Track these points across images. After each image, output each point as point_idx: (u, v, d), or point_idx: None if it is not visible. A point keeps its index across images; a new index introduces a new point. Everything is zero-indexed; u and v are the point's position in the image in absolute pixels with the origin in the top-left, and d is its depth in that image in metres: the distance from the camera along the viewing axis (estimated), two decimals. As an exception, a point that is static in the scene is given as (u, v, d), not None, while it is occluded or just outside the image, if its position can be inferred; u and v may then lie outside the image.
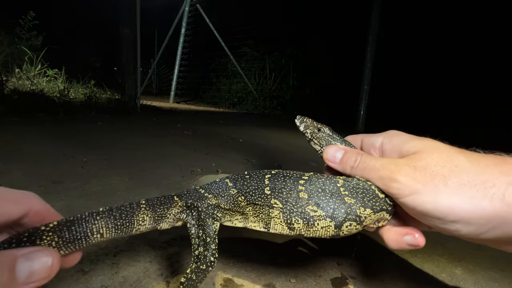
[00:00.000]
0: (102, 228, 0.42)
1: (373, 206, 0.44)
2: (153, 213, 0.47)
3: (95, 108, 3.26)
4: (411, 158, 0.40)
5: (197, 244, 0.47)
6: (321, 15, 6.43)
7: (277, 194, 0.47)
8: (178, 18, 6.49)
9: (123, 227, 0.44)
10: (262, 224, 0.50)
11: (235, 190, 0.49)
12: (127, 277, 0.62)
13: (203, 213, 0.48)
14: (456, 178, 0.36)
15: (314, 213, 0.45)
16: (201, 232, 0.47)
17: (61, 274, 0.61)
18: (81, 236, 0.40)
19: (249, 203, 0.49)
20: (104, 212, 0.43)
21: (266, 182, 0.48)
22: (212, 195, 0.50)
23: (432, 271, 0.76)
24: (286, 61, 6.65)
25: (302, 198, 0.46)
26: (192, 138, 2.33)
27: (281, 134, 3.18)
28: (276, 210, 0.47)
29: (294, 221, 0.46)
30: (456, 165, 0.37)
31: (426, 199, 0.36)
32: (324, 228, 0.45)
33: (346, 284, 0.67)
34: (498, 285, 0.73)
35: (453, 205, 0.35)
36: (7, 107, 2.52)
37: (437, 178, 0.36)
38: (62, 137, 1.85)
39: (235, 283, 0.64)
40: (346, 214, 0.44)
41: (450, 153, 0.39)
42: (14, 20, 4.88)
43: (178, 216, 0.50)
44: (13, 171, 1.14)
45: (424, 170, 0.38)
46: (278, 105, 6.49)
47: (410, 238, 0.43)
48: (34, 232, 0.37)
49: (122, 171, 1.29)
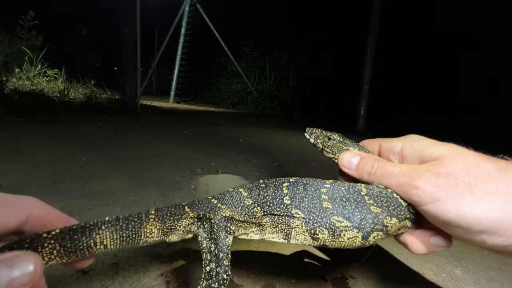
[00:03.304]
0: (106, 239, 0.40)
1: (398, 215, 0.42)
2: (162, 225, 0.44)
3: (95, 108, 3.26)
4: (433, 164, 0.38)
5: (209, 259, 0.44)
6: (321, 15, 6.43)
7: (298, 203, 0.45)
8: (178, 18, 6.49)
9: (129, 239, 0.42)
10: (281, 235, 0.47)
11: (250, 201, 0.46)
12: (127, 277, 0.62)
13: (216, 226, 0.45)
14: (483, 185, 0.33)
15: (340, 224, 0.43)
16: (213, 246, 0.44)
17: (61, 274, 0.61)
18: (83, 246, 0.39)
19: (266, 214, 0.46)
20: (109, 222, 0.41)
21: (285, 191, 0.46)
22: (226, 206, 0.47)
23: (432, 271, 0.76)
24: (286, 61, 6.64)
25: (326, 208, 0.44)
26: (192, 138, 2.33)
27: (281, 134, 3.18)
28: (298, 220, 0.44)
29: (319, 232, 0.44)
30: (483, 172, 0.34)
31: (449, 207, 0.34)
32: (350, 239, 0.43)
33: (346, 284, 0.67)
34: (498, 285, 0.73)
35: (479, 214, 0.32)
36: (7, 107, 2.52)
37: (462, 186, 0.34)
38: (62, 137, 1.85)
39: (235, 283, 0.64)
40: (374, 225, 0.42)
41: (475, 159, 0.36)
42: (14, 20, 4.88)
43: (188, 228, 0.47)
44: (13, 171, 1.14)
45: (447, 176, 0.36)
46: (278, 105, 6.49)
47: (438, 239, 0.41)
48: (36, 239, 0.36)
49: (122, 171, 1.29)
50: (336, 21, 6.01)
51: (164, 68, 8.80)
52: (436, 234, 0.41)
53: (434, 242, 0.41)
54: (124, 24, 3.39)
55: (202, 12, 6.55)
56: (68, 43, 6.85)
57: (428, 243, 0.41)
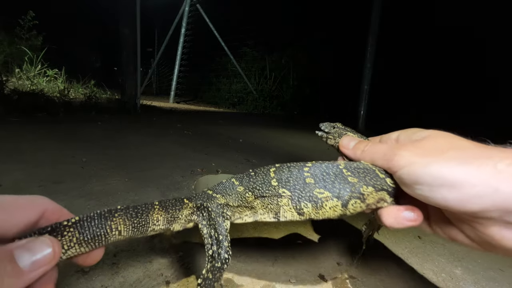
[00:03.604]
0: (120, 225, 0.43)
1: (375, 185, 0.46)
2: (166, 214, 0.48)
3: (95, 108, 3.26)
4: (416, 141, 0.43)
5: (210, 243, 0.48)
6: (321, 15, 6.43)
7: (284, 183, 0.49)
8: (178, 18, 6.49)
9: (140, 225, 0.46)
10: (271, 214, 0.51)
11: (242, 188, 0.51)
12: (127, 277, 0.62)
13: (213, 213, 0.50)
14: (454, 152, 0.37)
15: (322, 195, 0.47)
16: (212, 231, 0.49)
17: (61, 274, 0.61)
18: (101, 233, 0.41)
19: (257, 197, 0.50)
20: (121, 210, 0.44)
21: (272, 175, 0.50)
22: (220, 195, 0.52)
23: (432, 271, 0.76)
24: (286, 61, 6.64)
25: (309, 184, 0.48)
26: (192, 138, 2.33)
27: (281, 134, 3.18)
28: (285, 199, 0.49)
29: (303, 206, 0.48)
30: (458, 146, 0.38)
31: (419, 167, 0.38)
32: (332, 208, 0.47)
33: (346, 284, 0.67)
34: (498, 285, 0.73)
35: (443, 171, 0.36)
36: (7, 107, 2.52)
37: (435, 152, 0.38)
38: (62, 137, 1.85)
39: (235, 283, 0.64)
40: (351, 193, 0.46)
41: (455, 138, 0.40)
42: (14, 20, 4.88)
43: (189, 217, 0.51)
44: (13, 171, 1.14)
45: (425, 147, 0.40)
46: (278, 105, 6.49)
47: (409, 213, 0.44)
48: (56, 228, 0.38)
49: (122, 171, 1.29)
50: (336, 21, 6.01)
51: (164, 68, 8.81)
52: (407, 209, 0.44)
53: (404, 215, 0.44)
54: (124, 24, 3.39)
55: (202, 12, 6.55)
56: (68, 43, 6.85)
57: (399, 216, 0.44)
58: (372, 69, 4.40)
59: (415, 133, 0.46)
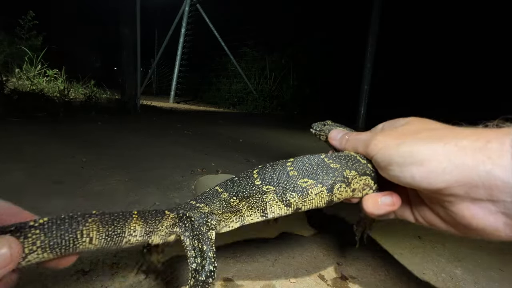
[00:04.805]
0: (92, 232, 0.40)
1: (357, 169, 0.47)
2: (145, 224, 0.45)
3: (95, 108, 3.26)
4: (395, 127, 0.45)
5: (194, 256, 0.45)
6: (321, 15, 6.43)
7: (268, 181, 0.49)
8: (178, 18, 6.49)
9: (114, 234, 0.42)
10: (258, 213, 0.50)
11: (226, 194, 0.50)
12: (127, 277, 0.62)
13: (196, 222, 0.47)
14: (426, 133, 0.38)
15: (306, 184, 0.48)
16: (196, 242, 0.46)
17: (61, 274, 0.61)
18: (69, 238, 0.38)
19: (241, 200, 0.50)
20: (96, 215, 0.41)
21: (255, 176, 0.50)
22: (204, 204, 0.50)
23: (432, 271, 0.76)
24: (286, 61, 6.64)
25: (292, 176, 0.48)
26: (192, 138, 2.33)
27: (281, 134, 3.18)
28: (270, 194, 0.48)
29: (289, 197, 0.48)
30: (430, 128, 0.40)
31: (391, 149, 0.40)
32: (317, 194, 0.47)
33: (346, 284, 0.67)
34: (498, 285, 0.73)
35: (412, 149, 0.37)
36: (7, 107, 2.52)
37: (409, 134, 0.40)
38: (62, 137, 1.85)
39: (235, 283, 0.64)
40: (335, 177, 0.47)
41: (430, 122, 0.42)
42: (14, 20, 4.88)
43: (170, 229, 0.48)
44: (13, 171, 1.14)
45: (400, 131, 0.42)
46: (278, 105, 6.48)
47: (387, 198, 0.45)
48: (20, 228, 0.35)
49: (122, 171, 1.29)
50: (336, 21, 6.00)
51: (164, 68, 8.80)
52: (385, 195, 0.46)
53: (382, 200, 0.45)
54: (124, 24, 3.39)
55: (202, 12, 6.55)
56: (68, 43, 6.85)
57: (378, 202, 0.46)
58: (372, 69, 4.40)
59: (397, 121, 0.48)
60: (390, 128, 0.47)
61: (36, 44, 5.02)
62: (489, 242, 0.95)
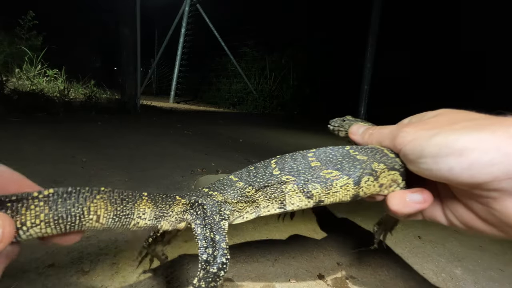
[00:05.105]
0: (100, 209, 0.37)
1: (386, 162, 0.43)
2: (155, 207, 0.43)
3: (95, 108, 3.26)
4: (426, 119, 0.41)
5: (205, 246, 0.42)
6: (321, 15, 6.43)
7: (288, 170, 0.46)
8: (178, 18, 6.49)
9: (122, 214, 0.39)
10: (276, 204, 0.47)
11: (241, 183, 0.48)
12: (127, 277, 0.62)
13: (209, 210, 0.44)
14: (465, 123, 0.34)
15: (330, 175, 0.44)
16: (208, 231, 0.43)
17: (61, 274, 0.61)
18: (76, 213, 0.35)
19: (258, 190, 0.47)
20: (105, 192, 0.38)
21: (273, 165, 0.47)
22: (218, 192, 0.47)
23: (432, 271, 0.76)
24: (286, 61, 6.64)
25: (315, 166, 0.45)
26: (192, 138, 2.33)
27: (281, 134, 3.18)
28: (290, 184, 0.45)
29: (311, 188, 0.44)
30: (470, 118, 0.35)
31: (423, 140, 0.36)
32: (343, 187, 0.43)
33: (346, 284, 0.67)
34: (498, 285, 0.73)
35: (450, 138, 0.33)
36: (7, 107, 2.52)
37: (444, 125, 0.35)
38: (62, 137, 1.85)
39: (235, 283, 0.64)
40: (362, 169, 0.43)
41: (468, 113, 0.37)
42: (14, 20, 4.88)
43: (181, 215, 0.46)
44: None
45: (432, 121, 0.38)
46: (278, 105, 6.49)
47: (416, 195, 0.41)
48: (22, 198, 0.32)
49: (122, 171, 1.29)
50: (336, 21, 6.01)
51: (164, 68, 8.80)
52: (415, 192, 0.42)
53: (412, 198, 0.41)
54: (124, 24, 3.39)
55: (202, 12, 6.55)
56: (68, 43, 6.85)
57: (406, 199, 0.41)
58: (372, 69, 4.40)
59: (426, 114, 0.43)
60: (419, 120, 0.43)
61: (36, 44, 5.02)
62: (490, 243, 0.95)
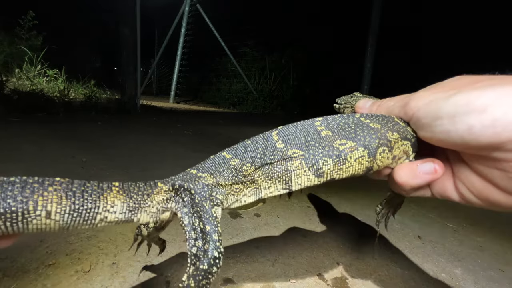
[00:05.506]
0: (51, 204, 0.29)
1: (399, 131, 0.39)
2: (127, 198, 0.36)
3: (95, 108, 3.26)
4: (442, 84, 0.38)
5: (194, 238, 0.36)
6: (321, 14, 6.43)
7: (293, 142, 0.40)
8: (178, 18, 6.49)
9: (83, 209, 0.32)
10: (280, 185, 0.40)
11: (237, 160, 0.41)
12: (127, 277, 0.62)
13: (197, 196, 0.38)
14: (488, 82, 0.31)
15: (344, 146, 0.38)
16: (196, 220, 0.36)
17: (61, 274, 0.61)
18: (19, 209, 0.28)
19: (257, 168, 0.40)
20: (61, 183, 0.31)
21: (275, 138, 0.41)
22: (207, 173, 0.40)
23: (432, 271, 0.76)
24: (286, 61, 6.65)
25: (326, 136, 0.39)
26: (192, 138, 2.33)
27: (281, 134, 3.18)
28: (297, 160, 0.39)
29: (322, 164, 0.38)
30: (493, 78, 0.32)
31: (440, 100, 0.33)
32: (357, 160, 0.38)
33: (346, 284, 0.67)
34: (498, 285, 0.73)
35: (472, 95, 0.30)
36: (7, 107, 2.52)
37: (465, 86, 0.32)
38: (62, 137, 1.85)
39: (235, 283, 0.64)
40: (379, 139, 0.38)
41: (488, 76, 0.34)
42: (14, 20, 4.88)
43: (163, 205, 0.39)
44: (13, 171, 1.14)
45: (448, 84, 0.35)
46: (278, 105, 6.49)
47: (428, 164, 0.38)
48: None
49: (122, 171, 1.29)
50: (336, 21, 6.01)
51: (164, 68, 8.81)
52: (426, 161, 0.39)
53: (423, 168, 0.38)
54: (124, 24, 3.39)
55: (202, 12, 6.55)
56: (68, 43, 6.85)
57: (416, 169, 0.38)
58: (372, 69, 4.41)
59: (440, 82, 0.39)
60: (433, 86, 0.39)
61: (36, 44, 5.02)
62: (490, 243, 0.95)
